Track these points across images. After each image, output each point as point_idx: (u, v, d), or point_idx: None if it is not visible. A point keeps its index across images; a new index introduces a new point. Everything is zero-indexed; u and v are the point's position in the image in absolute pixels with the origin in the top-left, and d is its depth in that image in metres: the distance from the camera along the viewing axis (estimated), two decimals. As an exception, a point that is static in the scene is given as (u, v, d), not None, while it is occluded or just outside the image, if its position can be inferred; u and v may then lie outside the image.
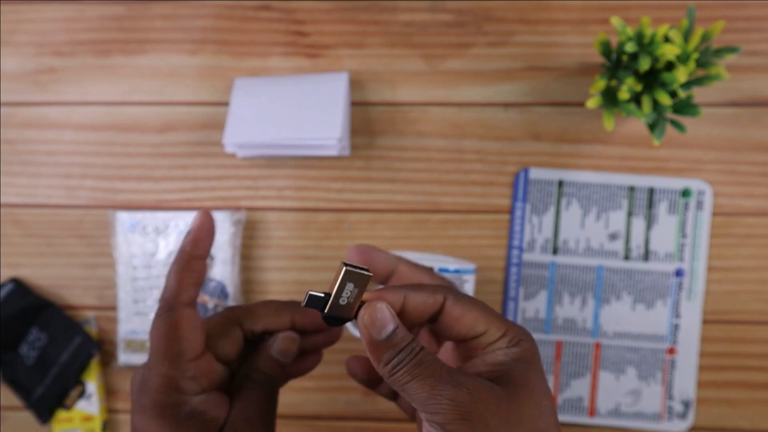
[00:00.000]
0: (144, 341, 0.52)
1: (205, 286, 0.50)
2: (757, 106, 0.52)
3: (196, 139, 0.54)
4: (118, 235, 0.52)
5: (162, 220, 0.52)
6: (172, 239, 0.52)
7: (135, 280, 0.52)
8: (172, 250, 0.51)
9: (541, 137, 0.52)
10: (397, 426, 0.53)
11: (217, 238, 0.50)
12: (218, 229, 0.50)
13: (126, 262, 0.52)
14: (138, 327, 0.51)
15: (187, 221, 0.52)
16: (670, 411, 0.52)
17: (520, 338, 0.29)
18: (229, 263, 0.51)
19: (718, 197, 0.52)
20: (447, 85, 0.53)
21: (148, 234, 0.52)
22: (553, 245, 0.52)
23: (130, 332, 0.51)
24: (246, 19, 0.54)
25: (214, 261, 0.51)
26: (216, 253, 0.51)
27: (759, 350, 0.52)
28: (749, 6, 0.51)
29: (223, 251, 0.51)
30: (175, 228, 0.52)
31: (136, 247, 0.52)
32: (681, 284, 0.52)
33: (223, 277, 0.50)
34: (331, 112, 0.50)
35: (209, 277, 0.51)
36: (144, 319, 0.51)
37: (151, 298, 0.52)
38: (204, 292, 0.51)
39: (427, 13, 0.53)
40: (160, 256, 0.52)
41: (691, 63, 0.43)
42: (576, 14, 0.52)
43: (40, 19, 0.55)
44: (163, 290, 0.32)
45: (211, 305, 0.51)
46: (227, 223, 0.51)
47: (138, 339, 0.52)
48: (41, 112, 0.55)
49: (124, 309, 0.52)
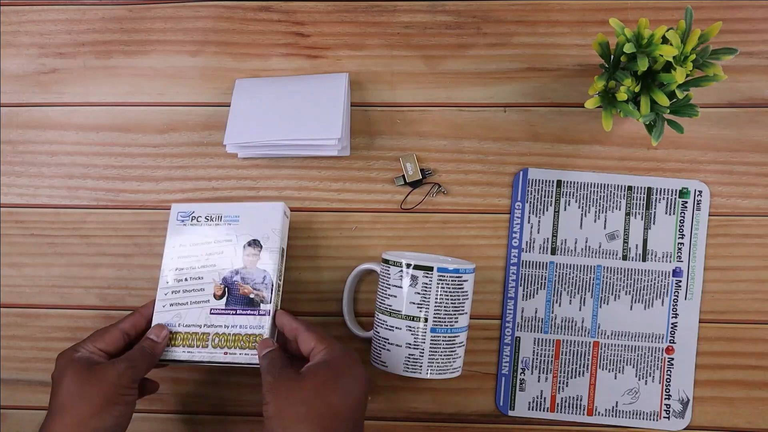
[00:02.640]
0: (176, 334, 0.49)
1: (248, 276, 0.49)
2: (754, 106, 0.52)
3: (197, 140, 0.54)
4: (170, 225, 0.51)
5: (216, 210, 0.51)
6: (221, 230, 0.50)
7: (178, 271, 0.50)
8: (224, 240, 0.50)
9: (540, 138, 0.53)
10: (397, 425, 0.53)
11: (269, 227, 0.49)
12: (270, 218, 0.49)
13: (172, 254, 0.50)
14: (171, 318, 0.49)
15: (236, 212, 0.50)
16: (668, 409, 0.52)
17: (333, 351, 0.44)
18: (277, 253, 0.49)
19: (715, 197, 0.52)
20: (446, 86, 0.53)
21: (200, 225, 0.51)
22: (551, 245, 0.53)
23: (165, 323, 0.49)
24: (246, 20, 0.54)
25: (262, 250, 0.49)
26: (264, 242, 0.49)
27: (756, 349, 0.52)
28: (746, 7, 0.52)
29: (272, 240, 0.49)
30: (227, 220, 0.50)
31: (186, 237, 0.50)
32: (679, 284, 0.52)
33: (268, 267, 0.49)
34: (331, 113, 0.50)
35: (256, 267, 0.49)
36: (180, 312, 0.49)
37: (192, 288, 0.50)
38: (246, 283, 0.49)
39: (427, 14, 0.53)
40: (207, 248, 0.50)
41: (689, 64, 0.43)
42: (575, 16, 0.52)
43: (42, 20, 0.55)
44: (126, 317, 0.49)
45: (252, 296, 0.49)
46: (280, 213, 0.50)
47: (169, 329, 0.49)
48: (43, 112, 0.55)
49: (161, 300, 0.49)
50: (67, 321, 0.55)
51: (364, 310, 0.54)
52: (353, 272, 0.52)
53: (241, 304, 0.49)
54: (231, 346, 0.48)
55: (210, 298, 0.49)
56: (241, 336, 0.48)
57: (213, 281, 0.49)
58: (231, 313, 0.49)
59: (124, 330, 0.48)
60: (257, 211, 0.50)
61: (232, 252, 0.50)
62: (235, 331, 0.48)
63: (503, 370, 0.53)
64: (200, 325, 0.49)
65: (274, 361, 0.45)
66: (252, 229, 0.50)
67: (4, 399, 0.55)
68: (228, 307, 0.49)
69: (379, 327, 0.49)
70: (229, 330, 0.48)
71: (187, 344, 0.48)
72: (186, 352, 0.48)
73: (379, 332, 0.49)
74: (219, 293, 0.49)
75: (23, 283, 0.55)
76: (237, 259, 0.49)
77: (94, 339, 0.47)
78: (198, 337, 0.49)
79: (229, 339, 0.48)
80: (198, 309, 0.49)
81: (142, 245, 0.54)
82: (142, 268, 0.54)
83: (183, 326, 0.49)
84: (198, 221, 0.50)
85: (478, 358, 0.53)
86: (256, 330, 0.48)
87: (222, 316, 0.49)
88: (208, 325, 0.49)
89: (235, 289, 0.49)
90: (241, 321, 0.48)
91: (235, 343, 0.48)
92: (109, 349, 0.47)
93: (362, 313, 0.54)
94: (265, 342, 0.47)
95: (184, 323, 0.49)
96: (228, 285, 0.49)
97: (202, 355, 0.48)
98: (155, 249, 0.54)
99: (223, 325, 0.48)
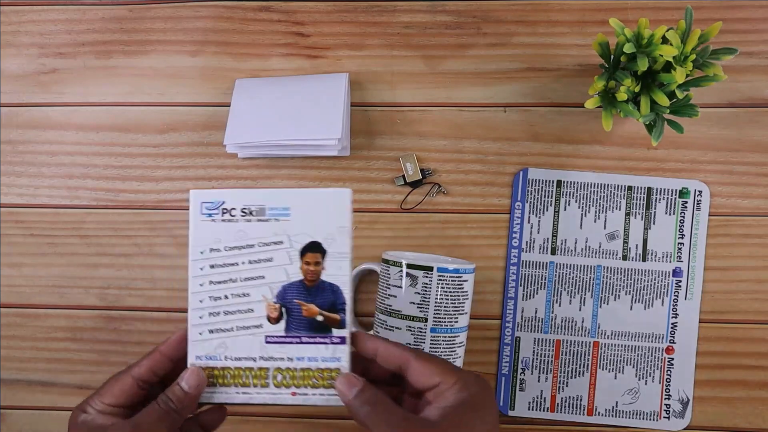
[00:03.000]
0: (225, 369, 0.38)
1: (311, 292, 0.38)
2: (754, 106, 0.52)
3: (197, 140, 0.54)
4: (191, 220, 0.38)
5: (255, 199, 0.38)
6: (266, 229, 0.38)
7: (213, 285, 0.38)
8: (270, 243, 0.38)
9: (539, 138, 0.53)
10: (397, 425, 0.53)
11: (334, 224, 0.37)
12: (335, 211, 0.37)
13: (201, 262, 0.38)
14: (213, 350, 0.38)
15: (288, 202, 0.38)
16: (668, 409, 0.52)
17: (469, 384, 0.35)
18: (347, 259, 0.38)
19: (715, 197, 0.52)
20: (446, 86, 0.53)
21: (234, 221, 0.38)
22: (551, 245, 0.53)
23: (205, 357, 0.38)
24: (246, 20, 0.54)
25: (326, 257, 0.38)
26: (329, 245, 0.37)
27: (756, 349, 0.52)
28: (746, 7, 0.52)
29: (339, 243, 0.37)
30: (272, 212, 0.38)
31: (216, 238, 0.38)
32: (679, 284, 0.52)
33: (337, 280, 0.37)
34: (331, 113, 0.50)
35: (320, 280, 0.38)
36: (224, 341, 0.38)
37: (237, 309, 0.38)
38: (310, 301, 0.38)
39: (427, 14, 0.53)
40: (250, 253, 0.38)
41: (689, 64, 0.43)
42: (575, 16, 0.52)
43: (42, 20, 0.55)
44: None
45: (320, 318, 0.38)
46: (347, 203, 0.37)
47: (212, 365, 0.38)
48: (43, 112, 0.55)
49: (196, 325, 0.38)
50: (67, 321, 0.55)
51: (364, 310, 0.54)
52: (353, 272, 0.52)
53: (307, 330, 0.38)
54: (300, 384, 0.38)
55: (263, 321, 0.38)
56: (311, 371, 0.38)
57: (264, 299, 0.38)
58: (294, 341, 0.38)
59: (138, 377, 0.37)
60: (316, 202, 0.38)
61: (284, 258, 0.38)
62: (303, 365, 0.38)
63: (503, 370, 0.53)
64: (254, 357, 0.38)
65: (379, 405, 0.35)
66: (310, 226, 0.38)
67: (4, 399, 0.55)
68: (289, 334, 0.38)
69: (379, 327, 0.49)
70: (294, 364, 0.38)
71: (240, 383, 0.38)
72: (241, 393, 0.38)
73: (379, 332, 0.49)
74: (275, 315, 0.38)
75: (23, 283, 0.55)
76: (293, 269, 0.38)
77: (102, 392, 0.37)
78: (254, 374, 0.38)
79: (296, 375, 0.38)
80: (249, 336, 0.38)
81: (142, 245, 0.54)
82: (142, 268, 0.54)
83: (232, 359, 0.38)
84: (232, 216, 0.38)
85: (478, 358, 0.53)
86: (330, 363, 0.37)
87: (282, 345, 0.38)
88: (266, 358, 0.38)
89: (295, 310, 0.38)
90: (309, 351, 0.38)
91: (305, 380, 0.38)
92: (120, 403, 0.37)
93: (362, 313, 0.54)
94: (349, 379, 0.36)
95: (232, 355, 0.38)
96: (286, 304, 0.38)
97: (262, 396, 0.38)
98: (155, 249, 0.54)
99: (285, 356, 0.38)
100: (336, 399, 0.37)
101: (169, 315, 0.54)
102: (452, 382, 0.35)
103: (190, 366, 0.38)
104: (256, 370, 0.38)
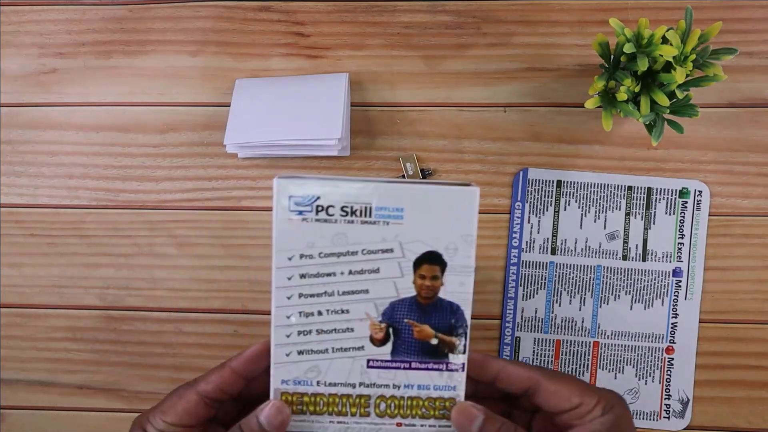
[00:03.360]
0: (317, 396, 0.33)
1: (428, 312, 0.32)
2: (754, 106, 0.52)
3: (197, 140, 0.54)
4: (276, 218, 0.32)
5: (360, 196, 0.31)
6: (373, 233, 0.31)
7: (304, 298, 0.32)
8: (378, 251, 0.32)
9: (540, 138, 0.53)
10: (397, 425, 0.53)
11: (457, 231, 0.31)
12: (460, 214, 0.31)
13: (290, 270, 0.32)
14: (303, 374, 0.33)
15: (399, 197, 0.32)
16: (668, 409, 0.52)
17: (612, 405, 0.32)
18: (471, 274, 0.32)
19: (715, 197, 0.52)
20: (446, 85, 0.53)
21: (333, 221, 0.32)
22: (551, 245, 0.53)
23: (292, 381, 0.33)
24: (247, 20, 0.54)
25: (446, 270, 0.32)
26: (451, 257, 0.32)
27: (756, 349, 0.52)
28: (746, 7, 0.52)
29: (462, 253, 0.32)
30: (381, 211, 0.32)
31: (309, 241, 0.32)
32: (679, 284, 0.52)
33: (457, 297, 0.32)
34: (331, 113, 0.50)
35: (437, 297, 0.32)
36: (317, 363, 0.33)
37: (333, 328, 0.33)
38: (423, 321, 0.32)
39: (427, 14, 0.53)
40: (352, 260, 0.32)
41: (689, 64, 0.43)
42: (575, 15, 0.52)
43: (42, 20, 0.55)
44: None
45: (435, 342, 0.33)
46: (475, 205, 0.32)
47: (302, 391, 0.33)
48: (43, 112, 0.55)
49: (283, 345, 0.33)
50: (67, 321, 0.55)
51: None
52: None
53: (418, 354, 0.33)
54: (406, 414, 0.33)
55: (365, 343, 0.33)
56: (421, 401, 0.33)
57: (367, 317, 0.33)
58: (402, 366, 0.33)
59: (205, 394, 0.33)
60: (435, 202, 0.31)
61: (394, 270, 0.32)
62: (412, 393, 0.33)
63: (503, 370, 0.53)
64: (353, 384, 0.33)
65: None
66: (427, 233, 0.32)
67: (4, 399, 0.55)
68: (396, 358, 0.33)
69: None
70: (401, 392, 0.33)
71: (335, 411, 0.33)
72: (336, 422, 0.33)
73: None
74: (380, 336, 0.33)
75: (23, 283, 0.55)
76: (405, 283, 0.32)
77: (164, 408, 0.33)
78: (352, 402, 0.33)
79: (403, 405, 0.33)
80: (347, 360, 0.33)
81: (142, 245, 0.54)
82: (142, 268, 0.54)
83: (326, 385, 0.33)
84: (329, 215, 0.32)
85: (478, 358, 0.53)
86: (444, 392, 0.33)
87: (388, 370, 0.33)
88: (367, 384, 0.33)
89: (405, 331, 0.33)
90: (420, 378, 0.33)
91: (413, 410, 0.33)
92: (183, 422, 0.33)
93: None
94: (468, 410, 0.32)
95: (327, 381, 0.33)
96: (393, 324, 0.33)
97: (361, 426, 0.33)
98: (155, 249, 0.54)
99: (390, 384, 0.33)
100: (449, 431, 0.33)
101: (169, 315, 0.54)
102: (593, 403, 0.32)
103: (273, 392, 0.33)
104: (354, 397, 0.33)
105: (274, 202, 0.31)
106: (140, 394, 0.55)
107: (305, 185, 0.31)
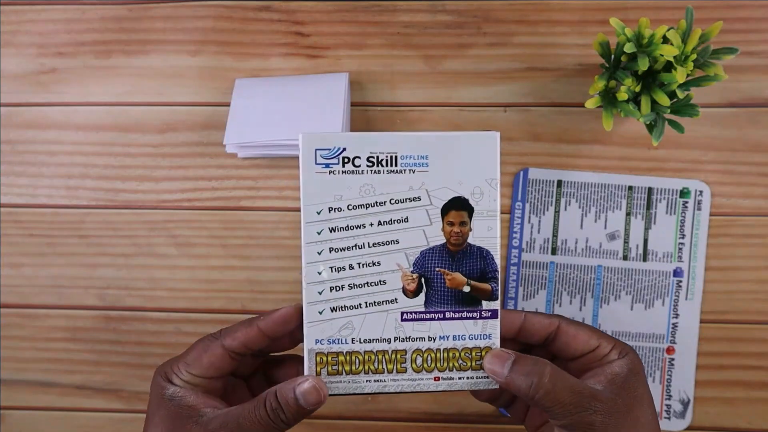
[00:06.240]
0: (352, 354, 0.33)
1: (458, 260, 0.33)
2: (755, 106, 0.52)
3: (196, 140, 0.54)
4: (302, 172, 0.32)
5: (385, 145, 0.32)
6: (400, 182, 0.32)
7: (335, 252, 0.32)
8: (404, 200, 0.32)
9: (540, 138, 0.53)
10: (397, 425, 0.53)
11: (481, 176, 0.32)
12: (482, 159, 0.32)
13: (318, 225, 0.32)
14: (338, 332, 0.32)
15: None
16: (669, 410, 0.52)
17: (627, 351, 0.34)
18: (496, 218, 0.33)
19: (716, 197, 0.52)
20: (446, 85, 0.53)
21: (359, 172, 0.32)
22: (552, 245, 0.52)
23: (326, 341, 0.32)
24: (246, 20, 0.54)
25: (473, 215, 0.33)
26: (476, 201, 0.32)
27: (757, 349, 0.52)
28: (747, 7, 0.52)
29: (487, 198, 0.32)
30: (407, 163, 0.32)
31: (337, 194, 0.32)
32: (679, 284, 0.52)
33: (487, 242, 0.33)
34: (331, 113, 0.50)
35: (466, 243, 0.33)
36: (350, 320, 0.32)
37: (365, 282, 0.32)
38: (455, 269, 0.33)
39: (427, 13, 0.53)
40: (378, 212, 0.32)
41: (690, 64, 0.43)
42: (575, 15, 0.52)
43: (42, 20, 0.55)
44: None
45: (467, 289, 0.33)
46: (496, 148, 0.33)
47: (336, 350, 0.33)
48: (42, 112, 0.55)
49: (315, 303, 0.32)
50: (67, 321, 0.55)
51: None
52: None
53: (451, 303, 0.33)
54: (443, 367, 0.33)
55: (398, 295, 0.33)
56: (458, 352, 0.33)
57: (399, 268, 0.32)
58: (436, 317, 0.33)
59: (231, 348, 0.34)
60: (459, 148, 0.32)
61: (423, 218, 0.32)
62: (448, 345, 0.33)
63: (503, 371, 0.53)
64: (388, 338, 0.33)
65: (548, 376, 0.31)
66: (453, 179, 0.32)
67: (4, 399, 0.55)
68: (430, 309, 0.33)
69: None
70: (437, 344, 0.33)
71: (371, 369, 0.33)
72: (373, 381, 0.33)
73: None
74: (412, 287, 0.33)
75: (23, 283, 0.55)
76: (433, 231, 0.32)
77: (189, 360, 0.34)
78: (388, 358, 0.33)
79: (440, 357, 0.33)
80: (380, 314, 0.33)
81: (141, 245, 0.54)
82: (141, 268, 0.54)
83: (360, 342, 0.33)
84: (356, 166, 0.32)
85: (479, 358, 0.53)
86: (480, 341, 0.33)
87: (422, 322, 0.33)
88: (402, 338, 0.33)
89: (437, 280, 0.33)
90: (455, 329, 0.33)
91: (450, 362, 0.33)
92: (208, 374, 0.34)
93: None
94: (498, 355, 0.32)
95: (361, 337, 0.33)
96: (425, 273, 0.33)
97: (399, 384, 0.33)
98: (155, 249, 0.54)
99: (425, 336, 0.33)
100: (487, 381, 0.33)
101: (169, 315, 0.54)
102: (610, 347, 0.33)
103: (307, 353, 0.32)
104: (390, 353, 0.32)
105: (301, 157, 0.32)
106: (140, 394, 0.55)
107: (331, 138, 0.32)
